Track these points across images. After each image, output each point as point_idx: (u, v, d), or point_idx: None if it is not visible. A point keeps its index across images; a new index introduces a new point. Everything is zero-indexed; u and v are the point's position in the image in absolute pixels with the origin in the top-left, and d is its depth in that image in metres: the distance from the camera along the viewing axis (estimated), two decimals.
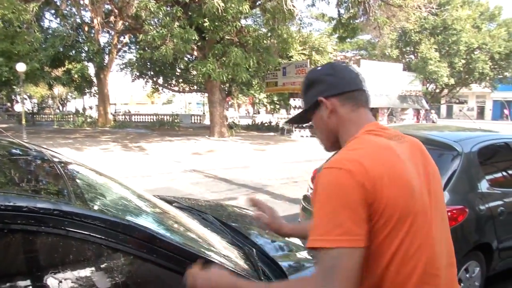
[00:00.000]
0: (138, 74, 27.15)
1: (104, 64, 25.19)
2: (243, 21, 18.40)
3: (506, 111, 46.59)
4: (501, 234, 3.64)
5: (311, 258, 2.38)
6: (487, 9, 28.22)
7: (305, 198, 4.54)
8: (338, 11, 20.10)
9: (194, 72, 20.53)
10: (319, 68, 1.29)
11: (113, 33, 25.14)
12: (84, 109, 36.98)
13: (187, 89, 31.09)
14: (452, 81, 27.10)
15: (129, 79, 61.59)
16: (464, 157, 3.44)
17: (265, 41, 17.30)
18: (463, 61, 26.27)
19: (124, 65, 27.85)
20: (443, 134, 4.09)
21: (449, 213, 3.13)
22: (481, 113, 48.22)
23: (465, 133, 4.43)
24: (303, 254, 2.39)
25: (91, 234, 1.24)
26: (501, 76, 28.66)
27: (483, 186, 3.55)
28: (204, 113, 38.85)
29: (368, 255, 1.03)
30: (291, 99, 22.21)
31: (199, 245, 1.62)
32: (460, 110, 44.04)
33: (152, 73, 27.22)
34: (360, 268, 1.00)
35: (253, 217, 1.47)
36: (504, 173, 4.25)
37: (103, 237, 1.26)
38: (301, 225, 1.68)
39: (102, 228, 1.25)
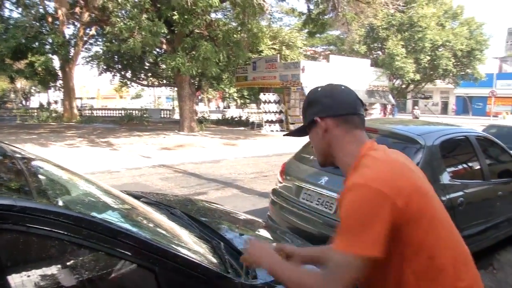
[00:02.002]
0: (105, 67, 26.50)
1: (70, 57, 24.43)
2: (213, 15, 18.28)
3: (453, 106, 48.38)
4: (461, 224, 3.79)
5: None
6: (450, 8, 29.06)
7: (274, 191, 4.58)
8: (308, 6, 20.25)
9: (163, 66, 20.21)
10: (319, 89, 1.39)
11: (78, 25, 24.39)
12: (48, 103, 35.85)
13: (156, 83, 30.64)
14: (417, 77, 27.81)
15: (95, 73, 60.28)
16: (426, 150, 3.57)
17: (235, 35, 17.23)
18: (428, 58, 26.99)
19: (90, 58, 27.09)
20: (407, 128, 4.21)
21: None
22: (445, 108, 49.79)
23: (428, 127, 4.58)
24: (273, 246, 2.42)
25: (54, 230, 1.22)
26: (463, 73, 29.63)
27: (445, 178, 3.69)
28: (173, 107, 38.46)
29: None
30: (261, 94, 22.26)
31: (166, 240, 1.62)
32: (425, 105, 45.31)
33: (119, 66, 26.64)
34: (359, 277, 1.14)
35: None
36: (464, 165, 4.43)
37: (66, 233, 1.24)
38: (312, 249, 1.72)
39: (65, 224, 1.24)
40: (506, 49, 57.66)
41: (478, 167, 4.29)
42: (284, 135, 1.67)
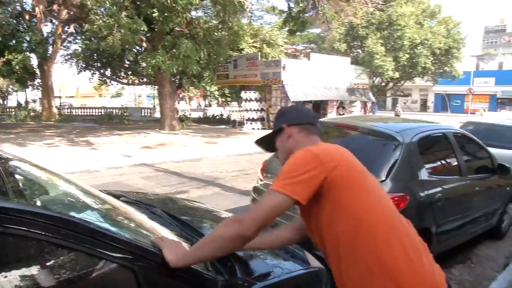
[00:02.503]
0: (84, 65, 26.05)
1: (48, 55, 23.96)
2: (193, 13, 18.13)
3: (430, 104, 49.31)
4: (439, 219, 3.87)
5: None
6: (428, 7, 29.48)
7: (256, 189, 4.58)
8: (288, 4, 20.29)
9: (144, 64, 19.97)
10: (289, 106, 1.87)
11: (57, 22, 23.91)
12: (26, 102, 35.06)
13: (136, 81, 30.26)
14: (397, 74, 28.17)
15: (74, 71, 59.26)
16: (405, 147, 3.62)
17: (216, 33, 17.15)
18: (407, 56, 27.37)
19: (69, 56, 26.62)
20: (386, 125, 4.26)
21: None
22: (424, 106, 50.62)
23: (407, 124, 4.64)
24: None
25: (31, 230, 1.20)
26: (442, 71, 30.13)
27: (423, 174, 3.75)
28: (154, 106, 38.09)
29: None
30: (242, 92, 22.24)
31: (146, 239, 1.61)
32: (405, 103, 46.01)
33: (99, 64, 26.22)
34: (276, 217, 1.40)
35: None
36: (442, 162, 4.51)
37: (43, 233, 1.22)
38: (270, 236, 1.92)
39: (43, 223, 1.21)
40: (482, 48, 58.95)
41: (456, 163, 4.37)
42: (254, 142, 1.88)
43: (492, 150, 5.29)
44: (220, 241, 1.43)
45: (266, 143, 1.78)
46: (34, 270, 1.32)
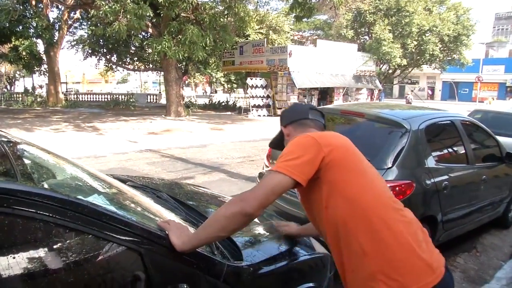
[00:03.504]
0: (90, 51, 26.01)
1: (54, 40, 23.91)
2: None
3: (429, 91, 48.82)
4: (445, 207, 3.86)
5: (267, 232, 2.43)
6: None
7: (261, 175, 4.59)
8: None
9: (149, 50, 19.94)
10: (286, 108, 1.97)
11: (63, 8, 23.85)
12: (33, 88, 35.14)
13: (142, 67, 30.22)
14: (404, 62, 27.85)
15: (80, 57, 59.24)
16: (412, 134, 3.59)
17: (221, 19, 17.03)
18: (415, 43, 27.02)
19: (75, 42, 26.58)
20: (393, 112, 4.23)
21: (397, 188, 3.28)
22: (431, 94, 50.18)
23: (414, 111, 4.61)
24: (259, 230, 2.43)
25: (39, 212, 1.21)
26: (450, 58, 29.74)
27: (430, 161, 3.73)
28: (160, 92, 38.08)
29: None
30: (248, 78, 22.15)
31: (153, 222, 1.62)
32: (412, 91, 45.63)
33: (105, 50, 26.17)
34: (277, 197, 1.44)
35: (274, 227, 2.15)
36: (449, 149, 4.48)
37: (51, 215, 1.23)
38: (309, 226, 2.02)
39: (50, 205, 1.22)
40: (493, 35, 58.13)
41: (463, 151, 4.34)
42: (269, 145, 2.05)
43: (500, 138, 5.25)
44: (223, 220, 1.44)
45: (279, 146, 1.91)
46: (41, 251, 1.33)
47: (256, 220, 2.66)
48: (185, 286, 1.45)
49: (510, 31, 56.54)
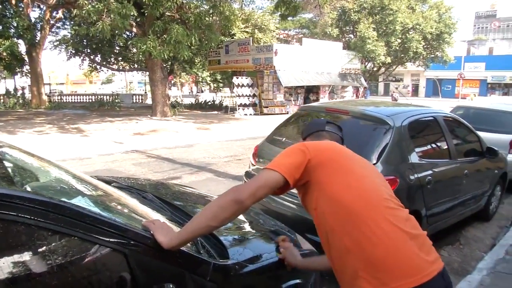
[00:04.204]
0: (73, 51, 25.69)
1: (36, 41, 23.54)
2: None
3: (409, 88, 49.42)
4: (429, 202, 3.92)
5: (253, 231, 2.44)
6: None
7: (247, 174, 4.60)
8: None
9: (134, 50, 19.79)
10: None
11: (44, 7, 23.51)
12: (15, 89, 34.58)
13: (127, 67, 29.95)
14: (388, 59, 28.17)
15: (64, 57, 58.38)
16: (395, 131, 3.64)
17: (207, 18, 16.97)
18: (399, 41, 27.34)
19: (58, 42, 26.21)
20: (378, 109, 4.28)
21: None
22: (415, 91, 50.79)
23: (397, 108, 4.67)
24: (245, 228, 2.44)
25: (19, 214, 1.19)
26: (433, 56, 30.17)
27: (413, 157, 3.78)
28: (146, 92, 37.76)
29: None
30: (234, 77, 22.13)
31: (137, 222, 1.62)
32: (397, 88, 46.10)
33: (88, 50, 25.87)
34: (270, 192, 1.51)
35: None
36: (432, 145, 4.55)
37: (33, 218, 1.22)
38: (313, 259, 2.02)
39: (32, 208, 1.21)
40: (473, 33, 59.00)
41: (446, 146, 4.42)
42: None
43: (481, 134, 5.35)
44: (215, 207, 1.47)
45: None
46: (25, 255, 1.32)
47: (242, 218, 2.67)
48: (171, 286, 1.46)
49: (490, 30, 57.44)
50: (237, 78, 21.82)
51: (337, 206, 1.49)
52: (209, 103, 28.13)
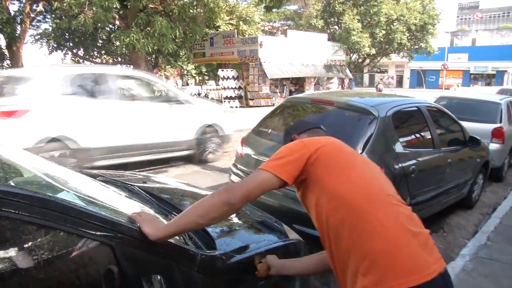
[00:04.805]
0: (55, 45, 25.21)
1: (16, 34, 23.03)
2: None
3: (391, 80, 49.90)
4: (413, 190, 3.98)
5: (240, 222, 2.45)
6: None
7: (234, 166, 4.61)
8: None
9: (117, 43, 19.52)
10: (292, 123, 2.11)
11: (24, 0, 23.02)
12: None
13: (110, 61, 29.56)
14: (373, 51, 28.30)
15: (46, 51, 57.25)
16: (380, 121, 3.68)
17: (191, 10, 16.81)
18: (383, 32, 27.48)
19: (39, 36, 25.69)
20: (362, 100, 4.32)
21: None
22: (400, 82, 51.23)
23: (382, 98, 4.72)
24: (232, 219, 2.45)
25: (3, 209, 1.18)
26: (417, 47, 30.42)
27: (397, 147, 3.83)
28: None
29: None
30: (220, 70, 22.04)
31: (122, 215, 1.61)
32: (381, 79, 46.43)
33: (71, 44, 25.41)
34: (263, 193, 1.48)
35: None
36: (416, 135, 4.61)
37: (17, 212, 1.20)
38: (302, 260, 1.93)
39: (15, 202, 1.20)
40: (456, 24, 59.66)
41: (429, 136, 4.48)
42: None
43: (464, 123, 5.44)
44: (206, 205, 1.46)
45: None
46: (10, 250, 1.31)
47: None
48: (159, 277, 1.46)
49: (473, 21, 58.17)
50: (223, 70, 21.73)
51: (338, 202, 1.45)
52: (195, 96, 27.95)
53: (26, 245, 1.33)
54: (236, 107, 21.14)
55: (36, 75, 6.14)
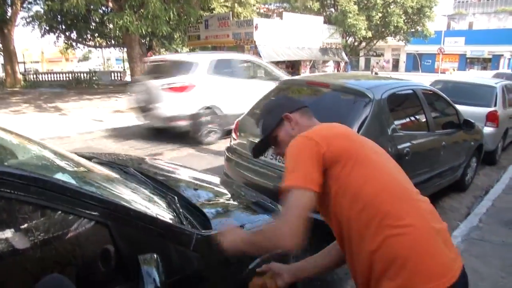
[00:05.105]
0: (47, 28, 24.81)
1: (7, 17, 22.69)
2: None
3: (385, 63, 49.70)
4: (407, 173, 3.99)
5: (235, 203, 2.47)
6: None
7: (229, 149, 4.62)
8: None
9: (111, 26, 19.26)
10: (273, 98, 1.77)
11: None
12: None
13: (104, 44, 29.21)
14: (369, 34, 28.11)
15: (38, 34, 56.49)
16: (375, 103, 3.68)
17: None
18: (380, 15, 27.28)
19: (31, 18, 25.29)
20: (358, 82, 4.31)
21: None
22: (396, 66, 51.08)
23: (377, 81, 4.72)
24: (229, 200, 2.47)
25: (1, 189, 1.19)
26: (414, 30, 30.23)
27: (392, 129, 3.84)
28: (124, 69, 37.06)
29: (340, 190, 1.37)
30: None
31: (118, 195, 1.62)
32: (377, 63, 46.30)
33: (63, 26, 25.04)
34: (309, 210, 1.30)
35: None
36: (411, 117, 4.63)
37: (13, 191, 1.21)
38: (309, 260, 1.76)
39: (11, 182, 1.20)
40: (454, 7, 59.23)
41: (424, 119, 4.50)
42: (254, 154, 1.76)
43: (458, 107, 5.46)
44: (268, 240, 1.38)
45: (262, 147, 1.70)
46: (6, 231, 1.31)
47: (224, 190, 2.70)
48: (155, 256, 1.48)
49: (470, 4, 57.73)
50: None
51: (360, 202, 1.34)
52: None
53: (22, 225, 1.34)
54: None
55: (195, 60, 8.17)
